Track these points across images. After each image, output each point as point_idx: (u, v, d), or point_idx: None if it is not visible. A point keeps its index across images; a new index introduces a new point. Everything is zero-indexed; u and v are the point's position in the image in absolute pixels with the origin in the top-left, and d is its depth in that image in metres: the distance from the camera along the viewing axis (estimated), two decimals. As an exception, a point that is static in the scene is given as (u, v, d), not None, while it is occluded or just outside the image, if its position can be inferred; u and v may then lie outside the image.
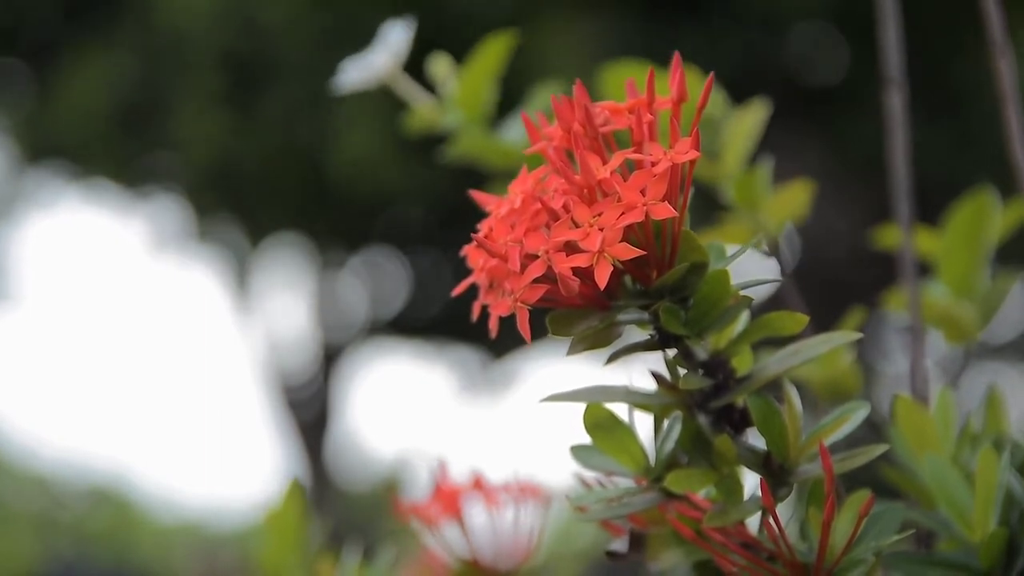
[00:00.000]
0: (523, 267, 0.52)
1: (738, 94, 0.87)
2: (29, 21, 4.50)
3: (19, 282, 5.88)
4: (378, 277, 5.43)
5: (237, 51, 4.02)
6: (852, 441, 0.59)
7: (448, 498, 0.78)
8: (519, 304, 0.52)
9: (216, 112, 4.08)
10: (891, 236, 0.87)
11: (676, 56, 0.56)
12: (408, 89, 0.85)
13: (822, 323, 0.82)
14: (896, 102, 0.82)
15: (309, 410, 5.81)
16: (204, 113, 4.09)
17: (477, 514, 0.80)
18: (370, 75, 0.84)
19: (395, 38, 0.84)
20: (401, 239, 5.00)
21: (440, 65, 0.85)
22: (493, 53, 0.84)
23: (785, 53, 4.11)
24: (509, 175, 0.76)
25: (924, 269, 0.86)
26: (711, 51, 3.58)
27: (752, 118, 0.82)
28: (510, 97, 0.89)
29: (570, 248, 0.52)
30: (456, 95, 0.84)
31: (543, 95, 0.83)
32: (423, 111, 0.85)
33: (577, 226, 0.52)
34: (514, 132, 0.84)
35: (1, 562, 5.60)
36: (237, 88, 4.08)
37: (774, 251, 0.82)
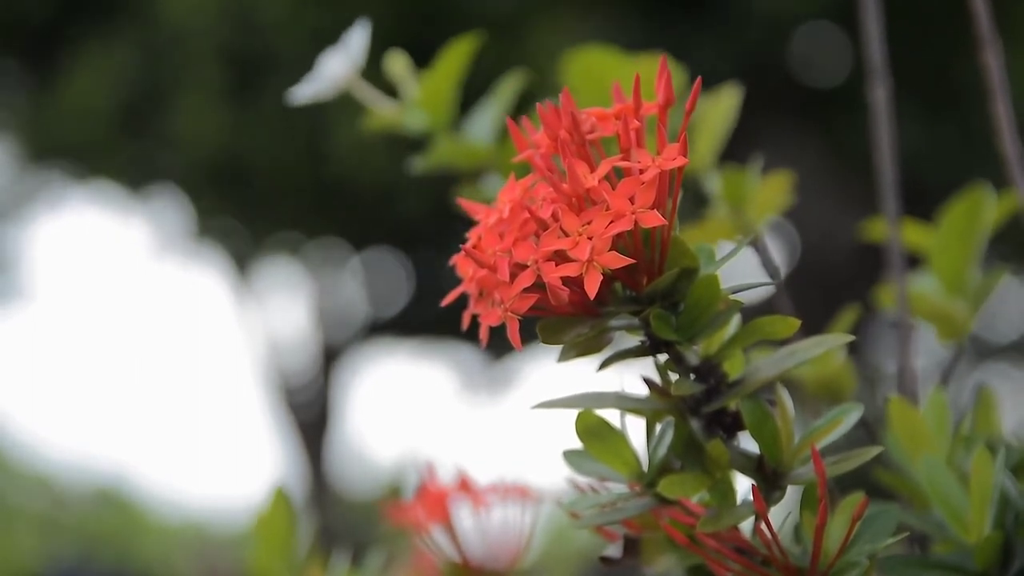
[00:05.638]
0: (512, 277, 0.52)
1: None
2: (30, 20, 4.50)
3: (24, 282, 5.88)
4: (378, 277, 5.43)
5: (237, 47, 4.02)
6: (849, 442, 0.58)
7: (435, 500, 0.78)
8: (509, 314, 0.52)
9: (217, 108, 4.08)
10: (878, 229, 0.86)
11: (662, 60, 0.56)
12: (368, 94, 0.84)
13: (823, 322, 0.81)
14: (880, 94, 0.81)
15: (309, 411, 5.80)
16: (205, 109, 4.08)
17: (467, 516, 0.79)
18: (328, 83, 0.82)
19: (352, 44, 0.83)
20: (401, 238, 4.99)
21: (397, 64, 0.84)
22: (457, 57, 0.82)
23: (787, 53, 4.10)
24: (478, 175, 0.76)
25: (916, 264, 0.85)
26: (712, 51, 3.58)
27: (725, 103, 0.80)
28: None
29: (559, 257, 0.52)
30: (418, 99, 0.82)
31: (506, 91, 0.82)
32: (384, 117, 0.83)
33: (566, 235, 0.52)
34: (477, 130, 0.83)
35: (4, 562, 5.61)
36: (237, 84, 4.07)
37: (760, 249, 0.80)
